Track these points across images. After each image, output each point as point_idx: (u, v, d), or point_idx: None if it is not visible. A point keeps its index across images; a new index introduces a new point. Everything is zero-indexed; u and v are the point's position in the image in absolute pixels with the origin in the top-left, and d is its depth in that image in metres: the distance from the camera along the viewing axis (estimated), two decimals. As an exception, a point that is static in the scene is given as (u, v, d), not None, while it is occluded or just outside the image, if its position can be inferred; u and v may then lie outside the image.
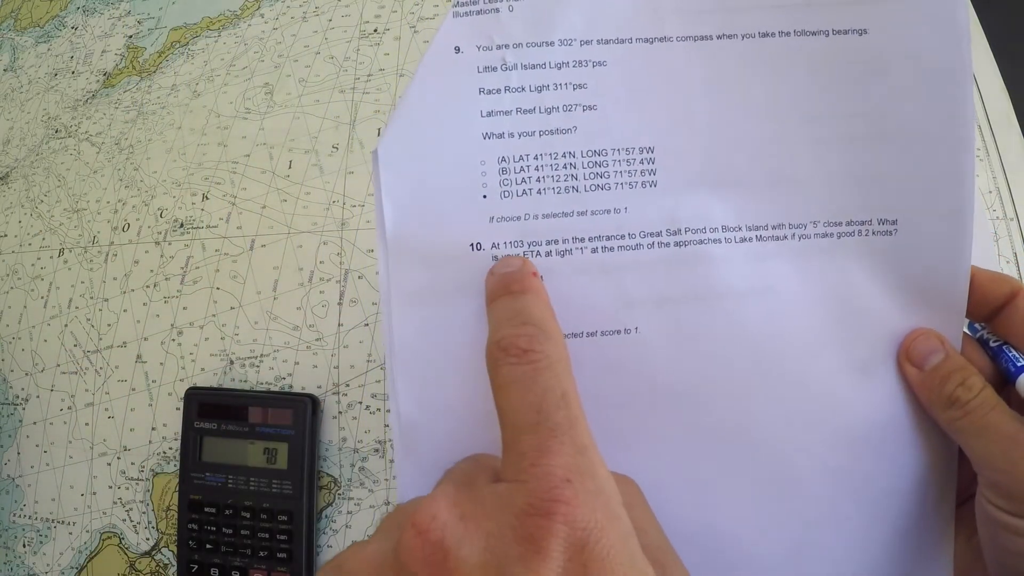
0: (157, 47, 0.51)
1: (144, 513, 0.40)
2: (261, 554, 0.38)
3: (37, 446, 0.42)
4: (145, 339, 0.43)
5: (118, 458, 0.41)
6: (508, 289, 0.22)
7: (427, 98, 0.23)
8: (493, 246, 0.23)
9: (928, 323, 0.24)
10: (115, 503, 0.41)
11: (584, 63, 0.23)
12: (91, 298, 0.44)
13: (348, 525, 0.39)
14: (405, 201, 0.23)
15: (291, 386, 0.41)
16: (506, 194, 0.23)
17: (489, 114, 0.23)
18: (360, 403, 0.40)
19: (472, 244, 0.23)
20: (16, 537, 0.41)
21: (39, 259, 0.46)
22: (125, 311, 0.44)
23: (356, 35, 0.49)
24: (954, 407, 0.22)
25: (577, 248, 0.23)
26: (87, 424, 0.42)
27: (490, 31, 0.23)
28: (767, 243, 0.24)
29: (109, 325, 0.43)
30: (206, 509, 0.39)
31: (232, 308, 0.44)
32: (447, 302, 0.23)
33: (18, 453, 0.42)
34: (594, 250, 0.23)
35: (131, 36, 0.52)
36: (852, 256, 0.24)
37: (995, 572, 0.23)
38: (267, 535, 0.38)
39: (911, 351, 0.24)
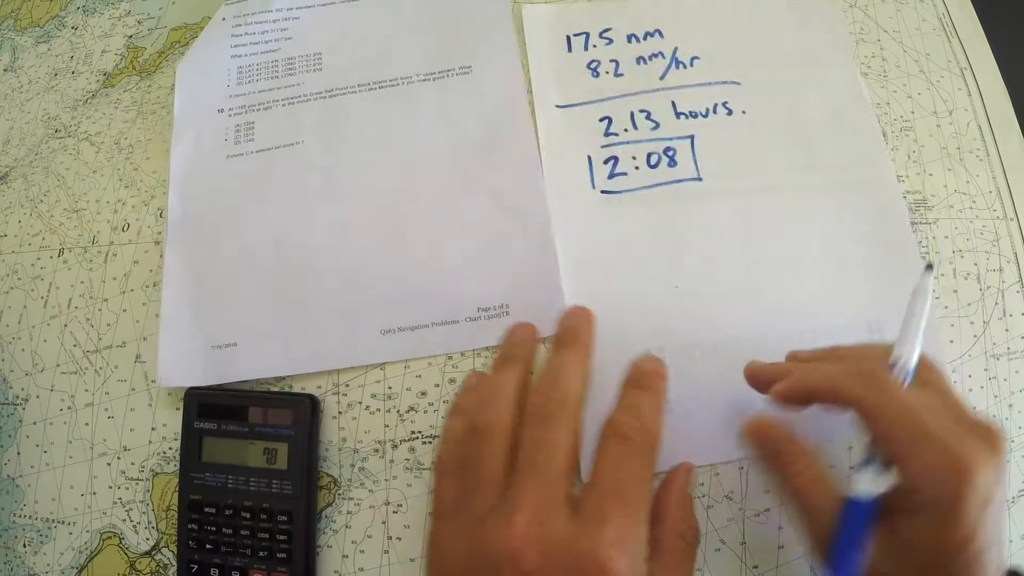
0: (157, 47, 0.51)
1: (144, 513, 0.40)
2: (261, 554, 0.38)
3: (37, 446, 0.42)
4: (145, 339, 0.43)
5: (118, 458, 0.41)
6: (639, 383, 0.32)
7: (206, 43, 0.48)
8: (230, 110, 0.46)
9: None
10: (115, 503, 0.41)
11: (288, 18, 0.48)
12: (91, 298, 0.44)
13: (348, 525, 0.39)
14: (188, 92, 0.47)
15: (291, 386, 0.41)
16: (240, 81, 0.47)
17: (235, 47, 0.48)
18: (360, 403, 0.40)
19: (218, 109, 0.46)
20: (16, 537, 0.41)
21: (39, 259, 0.46)
22: (125, 311, 0.44)
23: (356, 35, 0.50)
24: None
25: (274, 104, 0.46)
26: (87, 424, 0.42)
27: (242, 8, 0.49)
28: (385, 89, 0.45)
29: (109, 325, 0.43)
30: (206, 509, 0.39)
31: (232, 308, 0.44)
32: (205, 155, 0.45)
33: (18, 453, 0.42)
34: (283, 105, 0.46)
35: (131, 36, 0.52)
36: (446, 91, 0.45)
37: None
38: (267, 535, 0.38)
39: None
